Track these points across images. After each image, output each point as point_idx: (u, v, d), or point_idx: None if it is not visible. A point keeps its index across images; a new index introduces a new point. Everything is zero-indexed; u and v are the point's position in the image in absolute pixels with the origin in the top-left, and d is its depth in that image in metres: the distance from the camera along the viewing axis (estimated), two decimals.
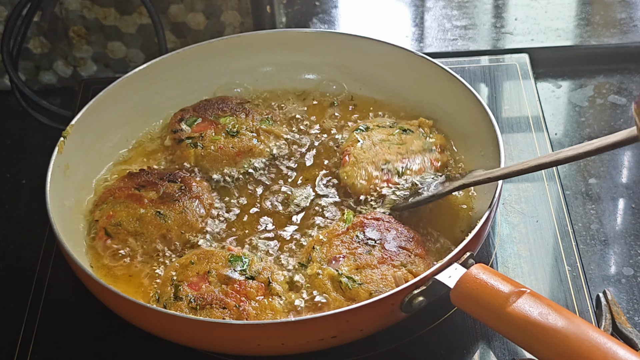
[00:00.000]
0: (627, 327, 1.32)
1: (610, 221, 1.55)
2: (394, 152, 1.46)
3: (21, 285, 1.45)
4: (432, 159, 1.46)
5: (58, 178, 1.42)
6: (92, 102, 1.53)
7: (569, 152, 1.22)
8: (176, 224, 1.40)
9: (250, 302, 1.26)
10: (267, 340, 1.19)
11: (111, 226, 1.39)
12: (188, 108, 1.60)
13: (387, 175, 1.43)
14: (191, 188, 1.45)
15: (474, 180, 1.36)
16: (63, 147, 1.45)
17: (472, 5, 2.06)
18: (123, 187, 1.45)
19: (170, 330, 1.23)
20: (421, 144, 1.48)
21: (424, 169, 1.44)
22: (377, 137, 1.49)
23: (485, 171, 1.35)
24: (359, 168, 1.44)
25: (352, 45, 1.65)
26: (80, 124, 1.50)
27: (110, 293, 1.23)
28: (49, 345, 1.35)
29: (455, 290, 1.18)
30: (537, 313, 1.11)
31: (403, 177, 1.43)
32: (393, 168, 1.43)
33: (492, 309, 1.14)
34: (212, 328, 1.18)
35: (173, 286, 1.29)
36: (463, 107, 1.50)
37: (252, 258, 1.32)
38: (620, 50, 1.90)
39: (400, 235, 1.33)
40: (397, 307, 1.20)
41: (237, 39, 1.68)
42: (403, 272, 1.27)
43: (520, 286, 1.15)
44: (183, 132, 1.54)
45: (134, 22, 1.86)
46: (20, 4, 1.74)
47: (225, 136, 1.53)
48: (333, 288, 1.27)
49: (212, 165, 1.51)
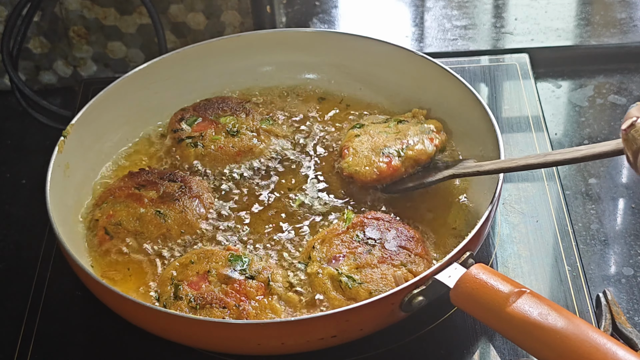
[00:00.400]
0: (627, 327, 1.32)
1: (610, 221, 1.55)
2: (392, 139, 1.47)
3: (21, 285, 1.45)
4: (430, 138, 1.47)
5: (58, 177, 1.42)
6: (93, 102, 1.53)
7: (556, 156, 1.25)
8: (176, 223, 1.40)
9: (250, 301, 1.26)
10: (267, 339, 1.19)
11: (111, 225, 1.39)
12: (188, 107, 1.60)
13: (387, 158, 1.43)
14: (191, 187, 1.45)
15: (463, 172, 1.38)
16: (63, 147, 1.45)
17: (472, 5, 2.06)
18: (123, 186, 1.45)
19: (169, 329, 1.23)
20: (417, 129, 1.49)
21: (425, 149, 1.45)
22: (374, 131, 1.50)
23: (476, 163, 1.37)
24: (359, 157, 1.45)
25: (353, 45, 1.65)
26: (81, 124, 1.50)
27: (110, 292, 1.23)
28: (49, 345, 1.35)
29: (455, 290, 1.18)
30: (536, 313, 1.11)
31: (403, 157, 1.44)
32: (394, 150, 1.44)
33: (492, 309, 1.14)
34: (212, 327, 1.18)
35: (173, 285, 1.29)
36: (463, 107, 1.50)
37: (252, 258, 1.32)
38: (620, 50, 1.90)
39: (401, 235, 1.33)
40: (397, 307, 1.20)
41: (237, 38, 1.68)
42: (403, 272, 1.28)
43: (520, 286, 1.15)
44: (183, 132, 1.54)
45: (134, 22, 1.86)
46: (20, 4, 1.74)
47: (225, 136, 1.53)
48: (333, 287, 1.27)
49: (213, 164, 1.51)
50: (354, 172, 1.44)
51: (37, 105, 1.79)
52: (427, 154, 1.44)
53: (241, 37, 1.68)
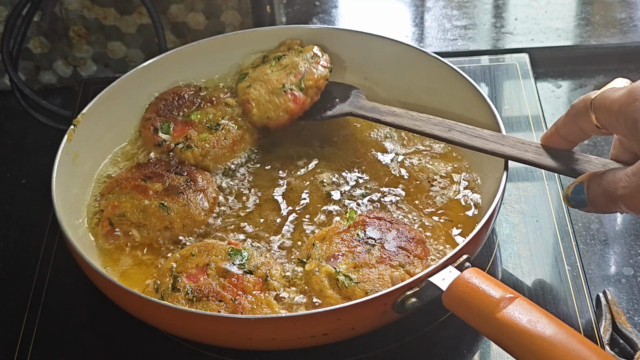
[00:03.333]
0: (627, 327, 1.32)
1: (610, 221, 1.55)
2: (283, 75, 1.51)
3: (21, 285, 1.45)
4: (317, 62, 1.53)
5: (66, 165, 1.42)
6: (105, 91, 1.53)
7: (461, 137, 1.37)
8: (179, 216, 1.40)
9: (246, 296, 1.26)
10: (258, 334, 1.19)
11: (115, 216, 1.40)
12: (150, 115, 1.57)
13: (291, 95, 1.46)
14: (196, 181, 1.45)
15: (361, 113, 1.48)
16: (73, 135, 1.45)
17: (472, 5, 2.06)
18: (130, 177, 1.45)
19: (162, 321, 1.23)
20: (301, 57, 1.54)
21: (320, 74, 1.51)
22: (261, 75, 1.54)
23: (373, 105, 1.48)
24: (264, 105, 1.50)
25: (359, 42, 1.64)
26: (92, 113, 1.50)
27: (104, 280, 1.23)
28: (49, 345, 1.35)
29: (447, 293, 1.17)
30: (525, 320, 1.10)
31: (305, 88, 1.50)
32: (293, 86, 1.49)
33: (482, 313, 1.13)
34: (203, 320, 1.18)
35: (172, 277, 1.29)
36: (466, 103, 1.49)
37: (252, 252, 1.32)
38: (620, 50, 1.91)
39: (401, 236, 1.33)
40: (389, 307, 1.19)
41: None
42: (401, 273, 1.27)
43: (512, 292, 1.14)
44: (166, 142, 1.53)
45: (134, 22, 1.86)
46: (20, 4, 1.74)
47: (209, 132, 1.53)
48: (330, 285, 1.27)
49: (215, 160, 1.51)
50: (267, 120, 1.49)
51: (37, 105, 1.79)
52: (323, 77, 1.52)
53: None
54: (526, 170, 1.54)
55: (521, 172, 1.54)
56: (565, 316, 1.32)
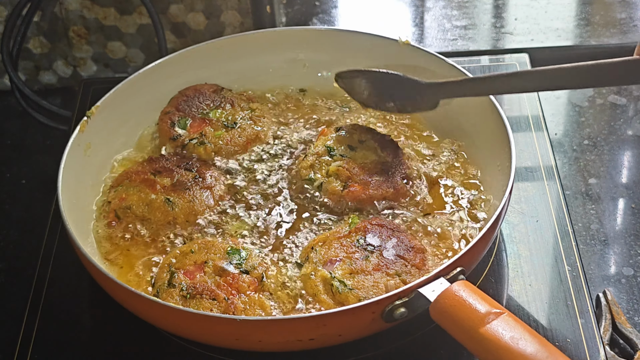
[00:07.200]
0: (627, 327, 1.32)
1: (610, 221, 1.55)
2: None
3: (21, 285, 1.45)
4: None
5: (77, 156, 1.42)
6: (123, 84, 1.53)
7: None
8: (183, 212, 1.40)
9: (240, 296, 1.26)
10: (244, 335, 1.18)
11: (121, 209, 1.40)
12: (169, 109, 1.57)
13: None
14: (205, 178, 1.45)
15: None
16: (85, 126, 1.45)
17: (472, 5, 2.06)
18: (140, 171, 1.45)
19: (153, 317, 1.24)
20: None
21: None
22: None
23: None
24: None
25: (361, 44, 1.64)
26: (107, 105, 1.50)
27: (100, 274, 1.23)
28: (49, 345, 1.35)
29: (434, 305, 1.15)
30: (508, 337, 1.08)
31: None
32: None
33: (466, 328, 1.12)
34: (188, 318, 1.18)
35: (169, 273, 1.29)
36: (470, 103, 1.49)
37: (250, 252, 1.32)
38: (620, 50, 1.89)
39: (401, 244, 1.31)
40: (377, 316, 1.17)
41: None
42: (396, 282, 1.25)
43: (498, 307, 1.13)
44: (182, 137, 1.54)
45: (134, 22, 1.86)
46: (20, 4, 1.75)
47: (226, 129, 1.53)
48: (324, 290, 1.26)
49: (226, 157, 1.51)
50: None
51: (37, 105, 1.79)
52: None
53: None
54: (526, 171, 1.54)
55: (521, 172, 1.54)
56: (565, 316, 1.32)
